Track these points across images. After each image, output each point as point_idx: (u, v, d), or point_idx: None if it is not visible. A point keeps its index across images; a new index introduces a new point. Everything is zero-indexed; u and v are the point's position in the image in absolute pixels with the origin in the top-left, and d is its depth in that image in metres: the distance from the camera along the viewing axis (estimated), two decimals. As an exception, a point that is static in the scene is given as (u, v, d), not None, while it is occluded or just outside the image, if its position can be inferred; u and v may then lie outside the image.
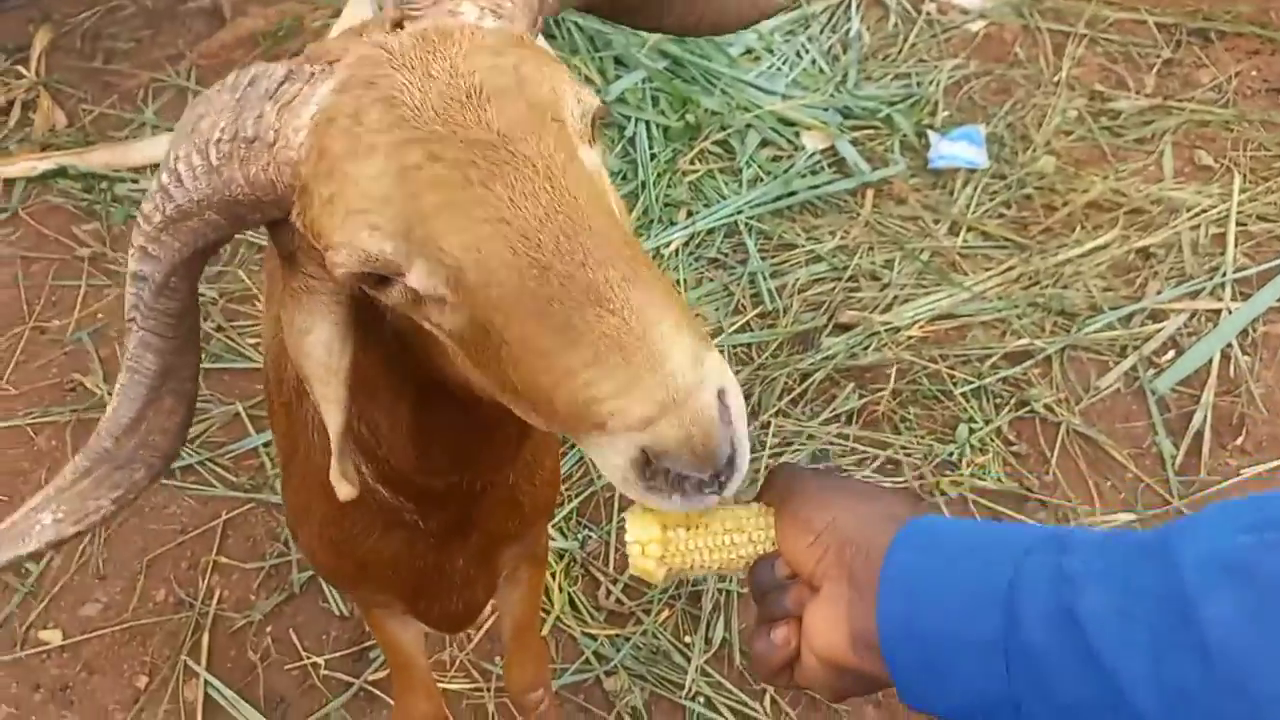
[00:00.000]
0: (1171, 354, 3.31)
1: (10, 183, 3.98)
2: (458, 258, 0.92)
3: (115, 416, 1.10)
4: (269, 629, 2.74)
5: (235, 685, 2.64)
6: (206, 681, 2.63)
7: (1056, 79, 4.27)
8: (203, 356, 3.38)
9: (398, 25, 1.04)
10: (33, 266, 3.70)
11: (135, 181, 3.95)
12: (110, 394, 3.04)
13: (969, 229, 3.71)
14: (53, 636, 2.73)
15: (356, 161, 0.92)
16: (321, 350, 1.06)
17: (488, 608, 1.97)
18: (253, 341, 3.37)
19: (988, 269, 3.57)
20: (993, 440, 3.09)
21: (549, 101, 0.97)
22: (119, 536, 2.94)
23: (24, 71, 4.48)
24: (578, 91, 1.01)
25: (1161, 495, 2.98)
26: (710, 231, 3.74)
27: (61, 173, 3.98)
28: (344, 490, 1.10)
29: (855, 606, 0.94)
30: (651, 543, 1.04)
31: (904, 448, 3.08)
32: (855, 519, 0.98)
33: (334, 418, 1.07)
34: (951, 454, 3.05)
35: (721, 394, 0.91)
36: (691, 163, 3.94)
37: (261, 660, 2.69)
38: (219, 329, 3.43)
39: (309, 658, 2.67)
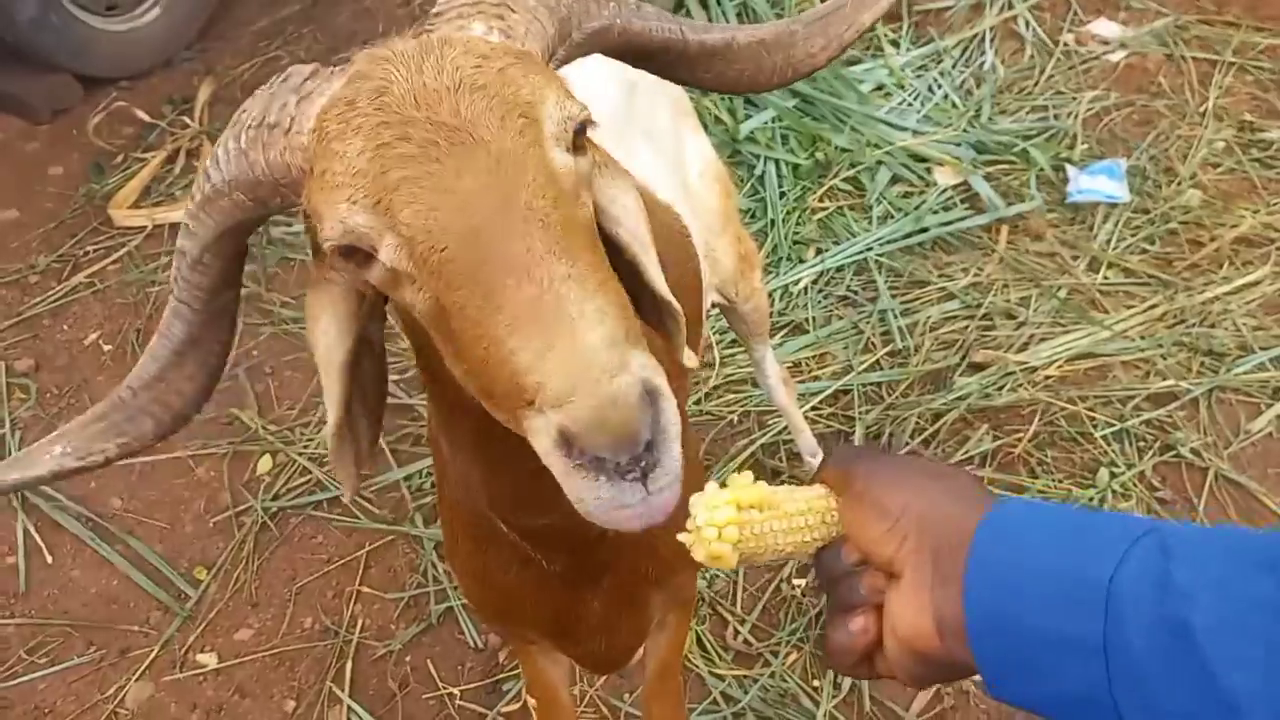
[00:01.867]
0: (1329, 396, 3.16)
1: (175, 227, 4.24)
2: (411, 226, 0.98)
3: (139, 371, 1.18)
4: (408, 658, 2.84)
5: (376, 712, 2.74)
6: (350, 708, 2.75)
7: (1203, 109, 4.14)
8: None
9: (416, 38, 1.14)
10: (195, 306, 3.92)
11: (289, 225, 4.17)
12: (264, 428, 3.20)
13: (1109, 265, 3.61)
14: (209, 660, 2.89)
15: (343, 140, 1.00)
16: (323, 340, 1.13)
17: (640, 650, 1.98)
18: (394, 379, 3.51)
19: (1130, 307, 3.47)
20: (1135, 485, 2.99)
21: (524, 100, 1.03)
22: (271, 564, 3.09)
23: (189, 121, 4.79)
24: (563, 100, 1.05)
25: (1319, 546, 2.83)
26: (840, 269, 3.73)
27: (221, 217, 4.22)
28: (346, 490, 1.19)
29: (941, 593, 0.91)
30: (729, 524, 1.00)
31: (1041, 491, 3.01)
32: (931, 502, 0.95)
33: (330, 411, 1.14)
34: (1092, 499, 2.97)
35: (652, 392, 0.90)
36: (821, 200, 3.95)
37: (400, 688, 2.79)
38: (364, 366, 3.58)
39: (445, 688, 2.76)
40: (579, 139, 1.07)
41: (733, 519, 1.00)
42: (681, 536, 1.02)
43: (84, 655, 2.94)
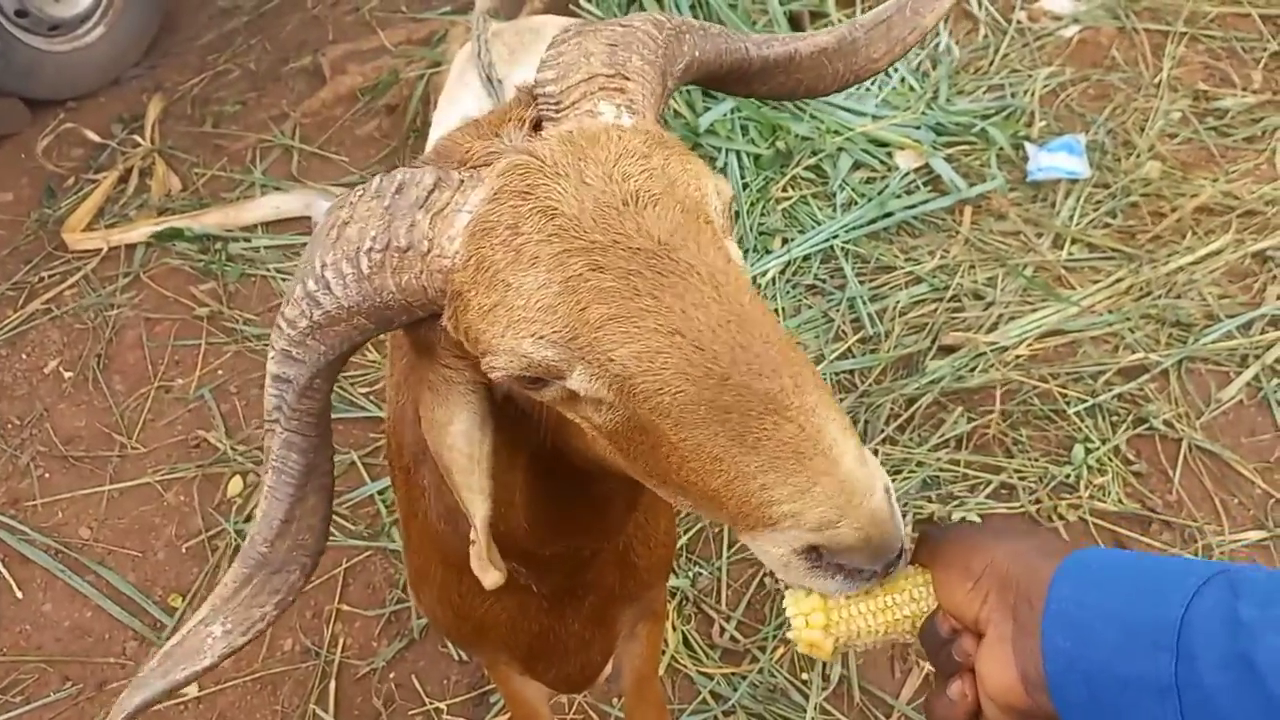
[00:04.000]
0: (1297, 361, 3.18)
1: (132, 248, 4.17)
2: (627, 367, 0.93)
3: (267, 520, 1.11)
4: (392, 675, 2.81)
5: (362, 731, 2.71)
6: (335, 728, 2.71)
7: (1157, 80, 4.16)
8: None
9: (536, 126, 1.05)
10: (156, 328, 3.87)
11: (248, 240, 4.11)
12: (233, 448, 3.15)
13: (1073, 241, 3.62)
14: (189, 688, 2.84)
15: (518, 272, 0.93)
16: (463, 441, 1.08)
17: (607, 666, 1.98)
18: (364, 391, 3.47)
19: (1096, 282, 3.49)
20: (1111, 460, 3.01)
21: (698, 202, 0.98)
22: (246, 587, 3.04)
23: (140, 140, 4.71)
24: (717, 185, 1.02)
25: (1294, 511, 2.86)
26: (807, 258, 3.72)
27: (178, 235, 4.16)
28: (490, 578, 1.12)
29: (1022, 645, 0.94)
30: (814, 612, 1.03)
31: (1018, 471, 3.01)
32: (1011, 557, 0.98)
33: (479, 507, 1.09)
34: (1068, 476, 2.98)
35: (887, 491, 0.92)
36: (784, 190, 3.93)
37: (385, 706, 2.75)
38: (331, 380, 3.53)
39: (431, 703, 2.73)
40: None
41: (818, 606, 1.03)
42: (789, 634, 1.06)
43: (60, 690, 2.88)
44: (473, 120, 1.15)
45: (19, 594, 3.10)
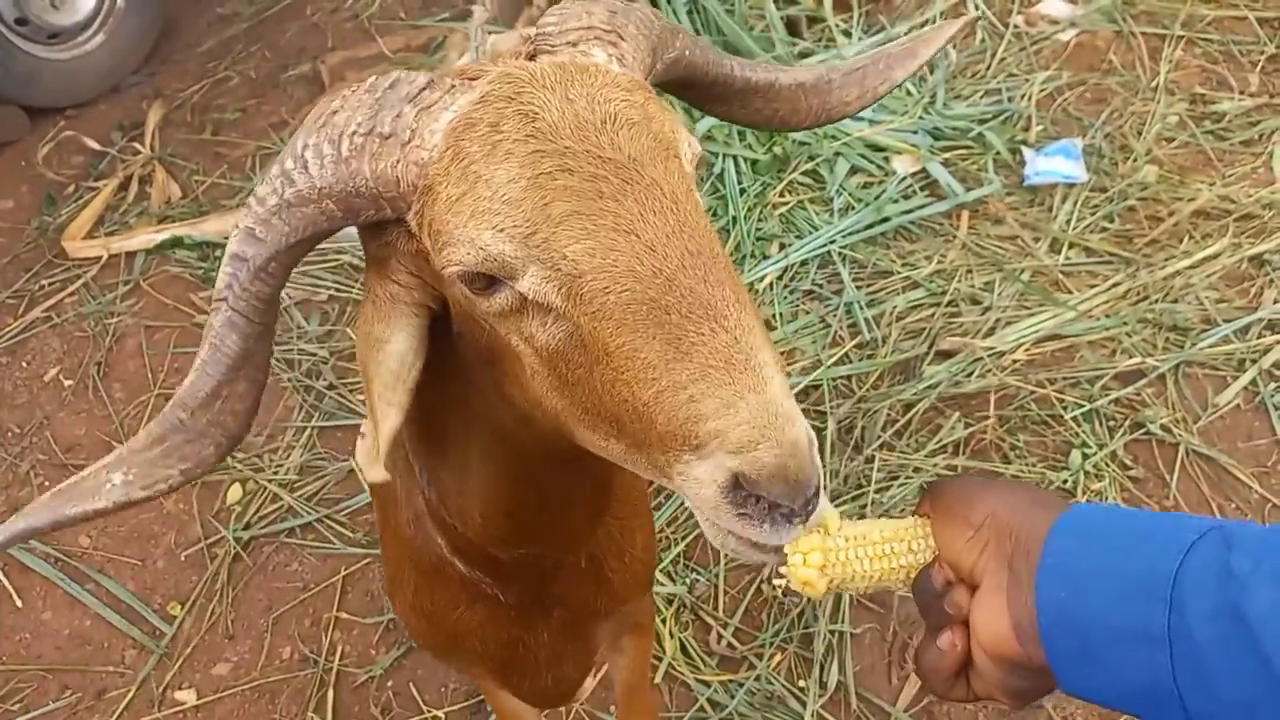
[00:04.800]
0: (1294, 365, 3.18)
1: (132, 256, 4.18)
2: (579, 263, 0.95)
3: (192, 390, 1.10)
4: (390, 683, 2.81)
5: (361, 739, 2.72)
6: (333, 736, 2.72)
7: (1154, 84, 4.16)
8: (318, 414, 3.47)
9: (531, 58, 1.10)
10: (156, 335, 3.88)
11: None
12: (231, 456, 3.15)
13: (1070, 245, 3.63)
14: (188, 697, 2.85)
15: (491, 165, 0.97)
16: (395, 361, 1.09)
17: (588, 683, 1.98)
18: (363, 398, 3.47)
19: (1093, 286, 3.49)
20: (1108, 465, 3.01)
21: (670, 139, 1.03)
22: (246, 595, 3.05)
23: (140, 148, 4.72)
24: (688, 138, 1.07)
25: (1291, 515, 2.86)
26: (804, 263, 3.73)
27: (178, 243, 4.17)
28: (376, 472, 1.10)
29: (1015, 595, 0.95)
30: (813, 551, 1.03)
31: (1015, 477, 3.01)
32: (1011, 509, 0.99)
33: (393, 418, 1.09)
34: (1065, 481, 2.98)
35: (808, 435, 0.93)
36: (781, 195, 3.94)
37: (384, 714, 2.76)
38: (330, 387, 3.55)
39: (430, 711, 2.73)
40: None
41: (817, 546, 1.03)
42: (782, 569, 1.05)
43: (60, 700, 2.89)
44: (480, 60, 1.19)
45: (18, 602, 3.11)
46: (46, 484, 3.43)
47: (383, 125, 1.01)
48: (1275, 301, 3.33)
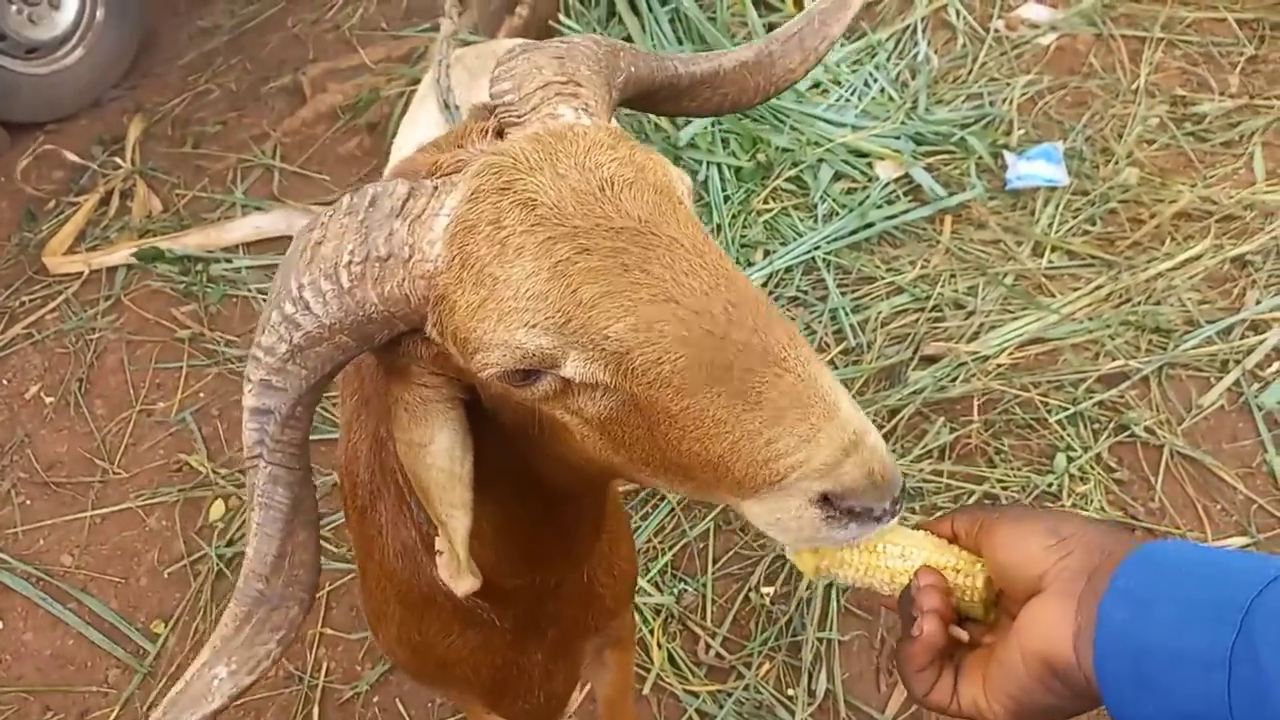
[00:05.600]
0: (1276, 366, 3.19)
1: (113, 271, 4.16)
2: (624, 341, 0.94)
3: (259, 557, 1.08)
4: (375, 699, 2.80)
5: (347, 756, 2.70)
6: (319, 753, 2.70)
7: (1135, 87, 4.17)
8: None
9: (499, 134, 1.07)
10: (137, 351, 3.85)
11: (229, 261, 4.10)
12: (215, 472, 3.13)
13: (1053, 249, 3.63)
14: (172, 715, 2.82)
15: (505, 264, 0.94)
16: (445, 459, 1.07)
17: (575, 697, 1.97)
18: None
19: (1076, 289, 3.49)
20: (1093, 468, 3.01)
21: (668, 186, 1.01)
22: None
23: (121, 162, 4.69)
24: (679, 174, 1.06)
25: (1276, 516, 2.86)
26: (789, 269, 3.72)
27: (160, 257, 4.15)
28: (464, 585, 1.12)
29: (1085, 607, 0.95)
30: None
31: (1000, 481, 3.01)
32: (1099, 532, 1.00)
33: (461, 521, 1.09)
34: (1051, 484, 2.98)
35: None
36: (765, 202, 3.94)
37: (371, 729, 2.74)
38: (314, 401, 3.52)
39: (416, 726, 2.72)
40: None
41: None
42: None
43: (42, 720, 2.87)
44: (431, 141, 1.16)
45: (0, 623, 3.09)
46: (28, 502, 3.41)
47: (377, 248, 0.97)
48: (1258, 302, 3.33)
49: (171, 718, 1.09)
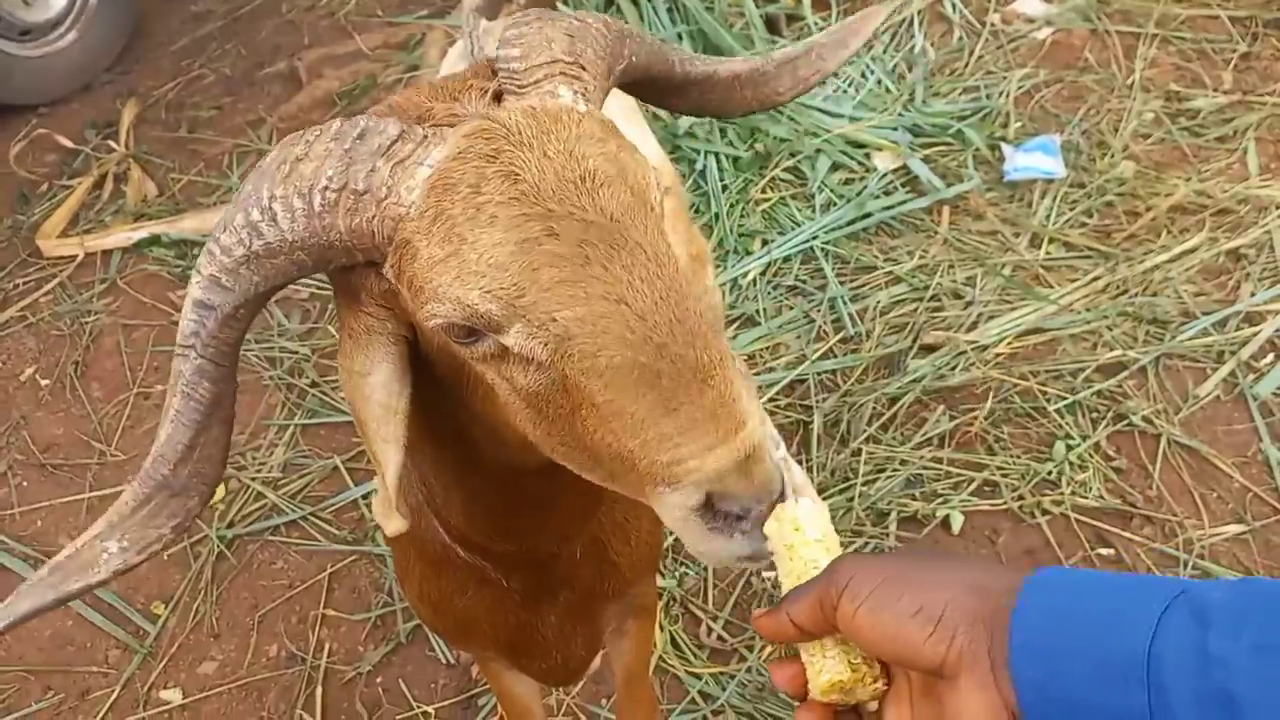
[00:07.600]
0: (1271, 357, 3.22)
1: (108, 254, 4.14)
2: (569, 328, 0.98)
3: (171, 443, 1.10)
4: (379, 679, 2.80)
5: (350, 737, 2.70)
6: (322, 734, 2.70)
7: (1130, 81, 4.21)
8: (300, 412, 3.46)
9: (496, 97, 1.09)
10: (134, 334, 3.83)
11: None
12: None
13: (1050, 240, 3.66)
14: (173, 696, 2.81)
15: (476, 229, 0.98)
16: (382, 391, 1.10)
17: (596, 659, 1.99)
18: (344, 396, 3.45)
19: (1073, 280, 3.52)
20: (1091, 456, 3.03)
21: (645, 189, 1.04)
22: (230, 593, 3.02)
23: (114, 146, 4.67)
24: (656, 175, 1.09)
25: (1271, 504, 2.90)
26: (787, 259, 3.74)
27: (155, 241, 4.13)
28: (394, 525, 1.14)
29: (1003, 679, 0.87)
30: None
31: (1000, 469, 3.03)
32: (969, 591, 0.90)
33: (393, 456, 1.11)
34: (1050, 472, 3.00)
35: (774, 441, 0.98)
36: (763, 191, 3.95)
37: (372, 711, 2.74)
38: (313, 385, 3.52)
39: (419, 707, 2.72)
40: None
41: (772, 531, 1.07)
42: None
43: (42, 700, 2.85)
44: (429, 83, 1.18)
45: (-2, 604, 3.06)
46: (24, 484, 3.39)
47: (356, 181, 1.00)
48: (1252, 294, 3.37)
49: (56, 580, 1.11)
